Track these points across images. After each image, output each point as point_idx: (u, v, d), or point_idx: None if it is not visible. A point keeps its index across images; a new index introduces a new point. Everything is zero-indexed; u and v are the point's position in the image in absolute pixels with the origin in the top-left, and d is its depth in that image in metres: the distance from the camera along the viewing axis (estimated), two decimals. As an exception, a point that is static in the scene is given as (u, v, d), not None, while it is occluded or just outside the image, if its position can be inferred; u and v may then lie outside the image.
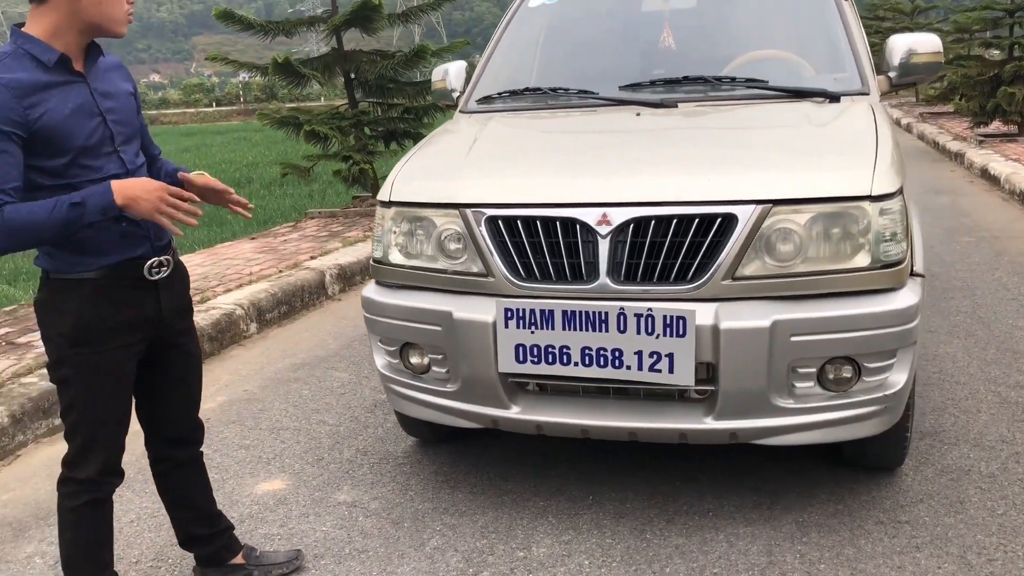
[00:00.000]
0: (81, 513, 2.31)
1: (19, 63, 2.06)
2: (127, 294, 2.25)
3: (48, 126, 2.06)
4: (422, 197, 2.96)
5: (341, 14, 8.66)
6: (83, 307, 2.19)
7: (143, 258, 2.26)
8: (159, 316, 2.33)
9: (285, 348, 5.13)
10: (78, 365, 2.21)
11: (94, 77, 2.21)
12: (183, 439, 2.56)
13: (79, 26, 2.11)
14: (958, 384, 3.90)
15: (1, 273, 7.20)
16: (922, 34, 3.62)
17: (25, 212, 2.02)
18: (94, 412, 2.25)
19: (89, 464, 2.28)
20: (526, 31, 4.22)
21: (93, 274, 2.19)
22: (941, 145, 12.89)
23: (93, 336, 2.20)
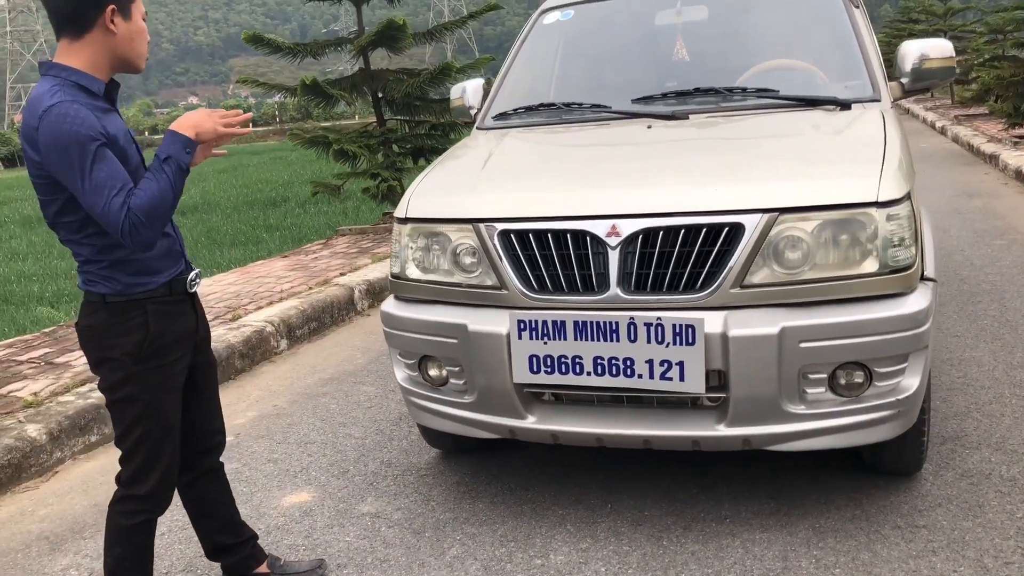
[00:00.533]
0: (135, 531, 2.40)
1: (74, 94, 2.15)
2: (180, 308, 2.40)
3: (113, 148, 2.18)
4: (437, 213, 3.03)
5: (367, 34, 8.82)
6: (150, 323, 2.31)
7: (184, 272, 2.42)
8: (197, 327, 2.48)
9: (314, 364, 5.23)
10: (146, 380, 2.32)
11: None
12: (207, 448, 2.64)
13: (110, 61, 2.25)
14: (983, 388, 3.88)
15: (44, 296, 7.41)
16: (934, 39, 3.63)
17: (150, 192, 2.15)
18: (159, 425, 2.36)
19: (150, 479, 2.37)
20: (542, 47, 4.29)
21: (154, 292, 2.33)
22: (975, 147, 12.74)
23: (159, 351, 2.33)
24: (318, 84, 8.65)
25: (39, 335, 5.65)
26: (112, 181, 2.12)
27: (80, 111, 2.12)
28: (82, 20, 2.18)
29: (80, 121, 2.10)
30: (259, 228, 10.26)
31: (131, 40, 2.24)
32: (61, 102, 2.11)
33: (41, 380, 4.54)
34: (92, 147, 2.10)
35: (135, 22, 2.24)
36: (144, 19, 2.29)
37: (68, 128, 2.09)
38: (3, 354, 5.18)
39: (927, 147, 14.45)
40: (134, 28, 2.24)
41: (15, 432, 3.84)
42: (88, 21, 2.18)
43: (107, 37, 2.20)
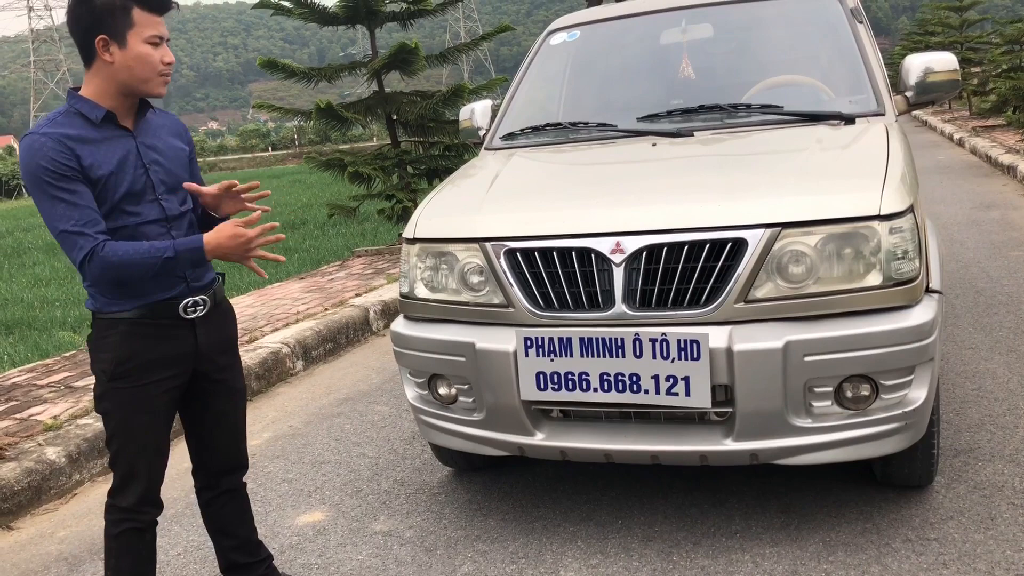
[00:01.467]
0: (124, 540, 2.44)
1: (69, 120, 2.26)
2: (162, 332, 2.38)
3: (96, 174, 2.24)
4: (444, 233, 3.07)
5: (380, 58, 8.92)
6: (120, 344, 2.33)
7: (178, 298, 2.39)
8: (197, 352, 2.46)
9: (329, 384, 5.27)
10: (116, 399, 2.36)
11: (143, 132, 2.38)
12: (227, 469, 2.68)
13: (117, 87, 2.29)
14: (996, 400, 3.86)
15: (66, 320, 7.52)
16: (938, 53, 3.64)
17: (121, 251, 2.21)
18: (132, 444, 2.39)
19: (129, 493, 2.42)
20: (549, 68, 4.34)
21: (129, 313, 2.34)
22: (993, 158, 12.67)
23: (129, 372, 2.34)
24: (332, 108, 8.76)
25: (59, 359, 5.74)
26: (72, 213, 2.19)
27: (46, 144, 2.19)
28: (85, 51, 2.27)
29: (42, 154, 2.18)
30: (277, 251, 10.34)
31: (129, 67, 2.25)
32: (36, 132, 2.21)
33: (61, 404, 4.61)
34: (45, 180, 2.18)
35: (132, 49, 2.24)
36: (155, 42, 2.28)
37: (30, 159, 2.19)
38: (24, 378, 5.26)
39: (944, 159, 14.38)
40: (130, 55, 2.24)
41: (35, 455, 3.90)
42: (89, 52, 2.26)
43: (106, 67, 2.26)
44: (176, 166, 2.44)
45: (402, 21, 9.47)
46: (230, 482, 2.70)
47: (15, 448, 3.98)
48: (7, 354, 6.30)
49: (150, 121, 2.42)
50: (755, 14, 4.07)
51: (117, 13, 2.22)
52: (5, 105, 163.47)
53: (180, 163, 2.46)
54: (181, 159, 2.47)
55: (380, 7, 8.88)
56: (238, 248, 2.30)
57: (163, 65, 2.31)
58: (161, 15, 2.30)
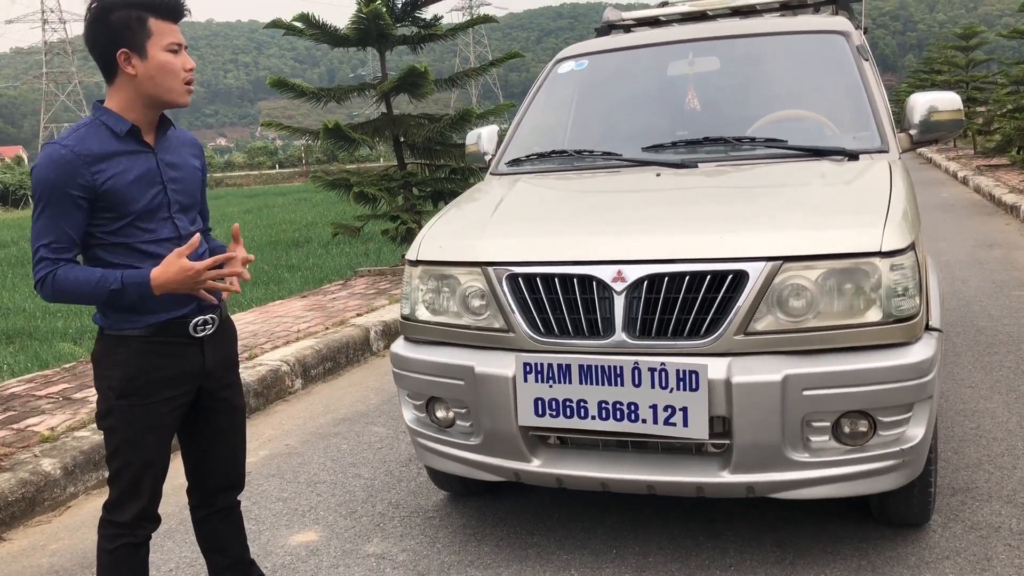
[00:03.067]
0: (118, 555, 2.42)
1: (94, 132, 2.28)
2: (173, 350, 2.38)
3: (112, 190, 2.25)
4: (447, 256, 3.08)
5: (389, 80, 8.99)
6: (131, 361, 2.33)
7: (189, 316, 2.40)
8: (204, 370, 2.46)
9: (328, 403, 5.27)
10: (124, 416, 2.35)
11: (163, 149, 2.40)
12: (223, 488, 2.67)
13: (143, 100, 2.31)
14: (995, 440, 3.85)
15: (67, 332, 7.52)
16: (942, 92, 3.67)
17: (72, 279, 2.23)
18: (137, 461, 2.38)
19: (128, 509, 2.41)
20: (556, 95, 4.37)
21: (141, 331, 2.34)
22: (996, 197, 12.69)
23: (139, 389, 2.34)
24: (340, 128, 8.81)
25: (59, 370, 5.74)
26: (47, 234, 2.23)
27: (66, 159, 2.20)
28: (108, 67, 2.29)
29: (58, 168, 2.20)
30: (281, 268, 10.38)
31: (152, 78, 2.27)
32: (60, 144, 2.23)
33: (58, 415, 4.61)
34: (49, 194, 2.21)
35: (154, 59, 2.26)
36: (175, 50, 2.29)
37: (44, 168, 2.22)
38: (23, 389, 5.26)
39: (948, 196, 14.42)
40: (152, 66, 2.26)
41: (30, 466, 3.89)
42: (111, 67, 2.28)
43: (130, 80, 2.27)
44: (192, 184, 2.47)
45: (412, 45, 9.54)
46: (225, 501, 2.68)
47: (10, 458, 3.98)
48: (7, 364, 6.30)
49: (170, 138, 2.44)
50: (762, 49, 4.11)
51: (134, 25, 2.24)
52: (16, 116, 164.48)
53: (195, 181, 2.49)
54: (196, 178, 2.49)
55: (391, 31, 8.95)
56: (186, 282, 2.27)
57: (185, 72, 2.32)
58: (176, 22, 2.31)
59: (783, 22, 4.35)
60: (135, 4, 2.24)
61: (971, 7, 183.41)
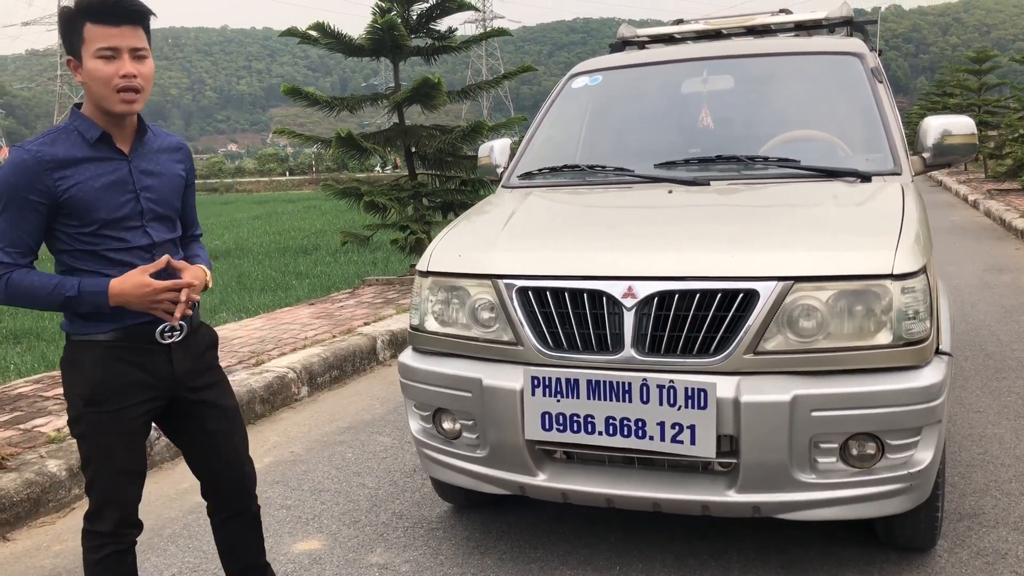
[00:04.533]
0: (106, 564, 2.39)
1: (65, 137, 2.24)
2: (138, 356, 2.33)
3: (76, 197, 2.21)
4: (457, 268, 3.09)
5: (403, 91, 9.02)
6: (95, 367, 2.29)
7: (155, 323, 2.34)
8: (173, 377, 2.40)
9: (333, 412, 5.27)
10: (91, 423, 2.31)
11: (139, 156, 2.33)
12: (234, 489, 2.63)
13: (96, 107, 2.26)
14: (1003, 466, 3.83)
15: (73, 333, 7.53)
16: (956, 116, 3.67)
17: (27, 284, 2.21)
18: (108, 467, 2.34)
19: (107, 517, 2.37)
20: (569, 110, 4.39)
21: (104, 336, 2.30)
22: (1007, 222, 12.67)
23: (105, 395, 2.30)
24: (352, 137, 8.84)
25: (66, 372, 5.74)
26: (2, 237, 2.20)
27: (28, 164, 2.18)
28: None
29: (18, 171, 2.18)
30: (289, 275, 10.40)
31: (88, 85, 2.21)
32: (24, 148, 2.21)
33: (65, 417, 4.61)
34: (8, 196, 2.19)
35: (86, 66, 2.19)
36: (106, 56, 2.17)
37: (6, 172, 2.20)
38: (30, 389, 5.28)
39: (958, 220, 14.39)
40: (86, 73, 2.20)
41: (36, 467, 3.90)
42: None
43: (84, 84, 2.23)
44: (170, 192, 2.40)
45: (426, 56, 9.59)
46: (240, 502, 2.64)
47: (16, 459, 3.98)
48: (14, 364, 6.32)
49: (148, 143, 2.37)
50: (776, 68, 4.12)
51: (73, 31, 2.19)
52: (29, 117, 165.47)
53: (174, 189, 2.42)
54: (176, 185, 2.43)
55: (405, 42, 9.00)
56: (143, 298, 2.24)
57: (119, 79, 2.18)
58: (117, 26, 2.17)
59: (798, 42, 4.37)
60: (73, 11, 2.19)
61: (984, 31, 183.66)
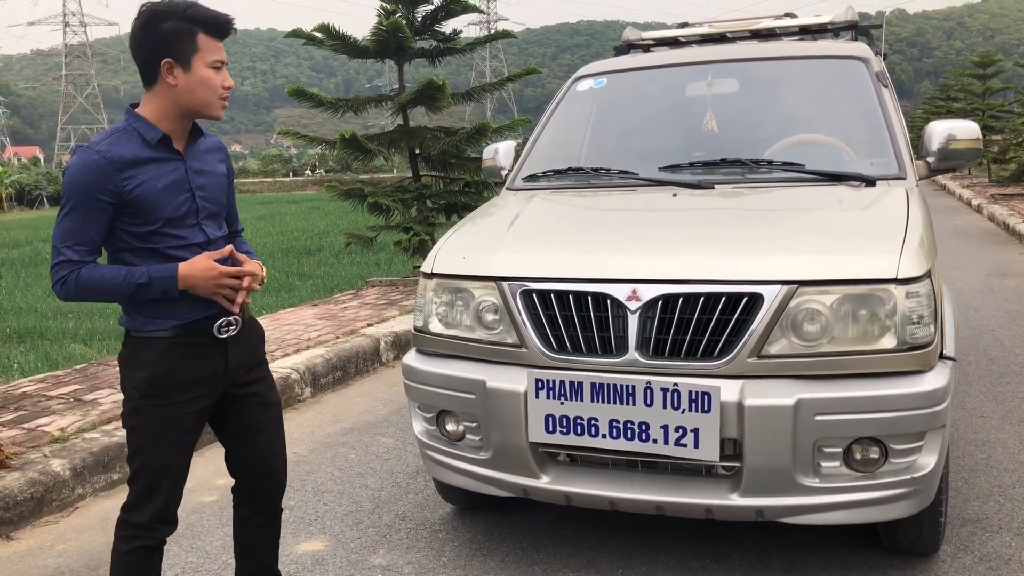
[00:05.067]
0: (132, 557, 2.43)
1: (126, 138, 2.31)
2: (197, 351, 2.41)
3: (141, 196, 2.28)
4: (462, 270, 3.09)
5: (407, 93, 9.03)
6: (156, 362, 2.36)
7: (213, 318, 2.42)
8: (226, 371, 2.47)
9: (336, 413, 5.27)
10: (147, 416, 2.38)
11: (192, 156, 2.43)
12: (266, 485, 2.65)
13: (178, 110, 2.35)
14: (1006, 471, 3.82)
15: (78, 333, 7.55)
16: (961, 120, 3.67)
17: (98, 277, 2.27)
18: (157, 461, 2.40)
19: (145, 510, 2.42)
20: (574, 113, 4.39)
21: (166, 332, 2.37)
22: (1011, 227, 12.65)
23: (163, 390, 2.37)
24: (357, 138, 8.85)
25: (70, 371, 5.76)
26: (71, 236, 2.26)
27: (98, 164, 2.24)
28: (148, 74, 2.32)
29: (88, 172, 2.24)
30: (292, 276, 10.41)
31: (192, 91, 2.31)
32: (91, 148, 2.28)
33: (69, 416, 4.63)
34: (76, 196, 2.25)
35: (196, 73, 2.30)
36: (217, 67, 2.34)
37: (75, 172, 2.26)
38: (34, 389, 5.29)
39: (962, 224, 14.37)
40: (194, 79, 2.31)
41: (40, 466, 3.91)
42: (152, 74, 2.32)
43: (169, 89, 2.31)
44: (218, 191, 2.50)
45: (430, 58, 9.60)
46: (268, 499, 2.66)
47: (20, 458, 3.99)
48: (17, 363, 6.33)
49: (199, 145, 2.48)
50: (781, 72, 4.12)
51: (183, 38, 2.28)
52: (34, 117, 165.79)
53: (221, 188, 2.52)
54: (221, 184, 2.53)
55: (410, 43, 9.01)
56: (208, 282, 2.33)
57: (223, 89, 2.38)
58: (222, 40, 2.36)
59: (803, 46, 4.37)
60: (187, 17, 2.28)
61: (988, 35, 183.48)
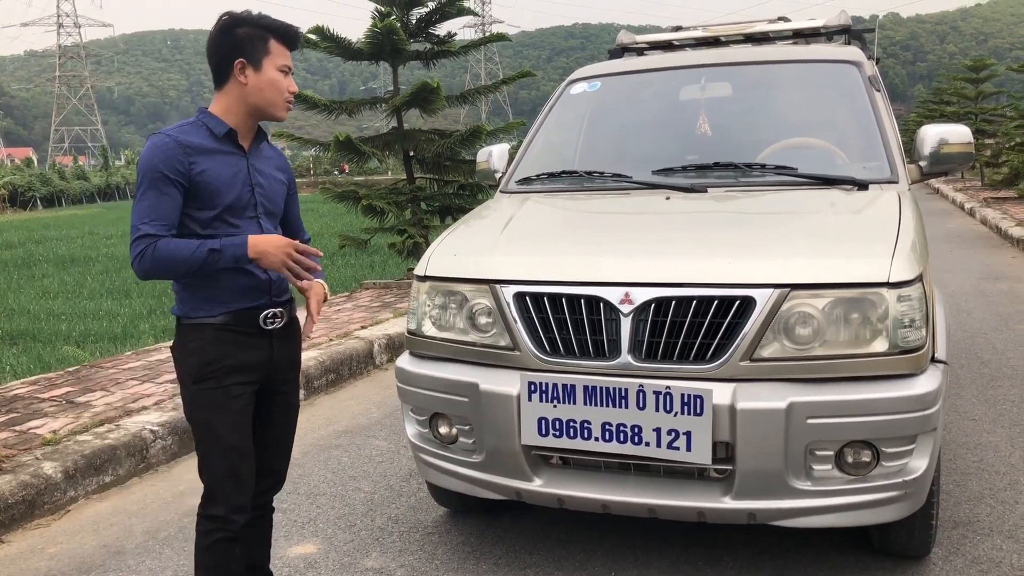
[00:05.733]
0: (214, 551, 2.49)
1: (195, 130, 2.49)
2: (244, 339, 2.51)
3: (206, 181, 2.43)
4: (455, 272, 3.09)
5: (402, 95, 9.03)
6: (206, 347, 2.47)
7: (260, 308, 2.53)
8: (272, 362, 2.58)
9: (329, 415, 5.26)
10: (200, 400, 2.47)
11: (254, 156, 2.59)
12: (263, 482, 2.70)
13: (245, 108, 2.51)
14: (998, 474, 3.84)
15: (71, 335, 7.54)
16: (953, 125, 3.69)
17: (173, 247, 2.37)
18: (217, 445, 2.47)
19: (219, 500, 2.49)
20: (568, 116, 4.39)
21: (215, 319, 2.48)
22: (1003, 230, 12.70)
23: (213, 373, 2.46)
24: (351, 141, 8.85)
25: (63, 373, 5.75)
26: (149, 213, 2.37)
27: (168, 145, 2.39)
28: (220, 73, 2.50)
29: (160, 152, 2.39)
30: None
31: (261, 90, 2.48)
32: (163, 133, 2.44)
33: (61, 418, 4.62)
34: (151, 176, 2.37)
35: (265, 74, 2.47)
36: (285, 71, 2.51)
37: (147, 154, 2.40)
38: (26, 391, 5.27)
39: (954, 227, 14.42)
40: (263, 79, 2.47)
41: (31, 468, 3.90)
42: (224, 74, 2.49)
43: (239, 87, 2.48)
44: (276, 194, 2.64)
45: (425, 60, 9.60)
46: (263, 498, 2.73)
47: (12, 461, 3.98)
48: (10, 365, 6.31)
49: (262, 149, 2.63)
50: (774, 76, 4.13)
51: (256, 41, 2.47)
52: (27, 118, 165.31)
53: (278, 193, 2.66)
54: (279, 190, 2.67)
55: (404, 46, 9.01)
56: (279, 251, 2.43)
57: (288, 93, 2.55)
58: (291, 49, 2.56)
59: (796, 50, 4.38)
60: (262, 25, 2.49)
61: (981, 40, 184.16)
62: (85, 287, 10.72)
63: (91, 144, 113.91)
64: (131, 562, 3.39)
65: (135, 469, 4.30)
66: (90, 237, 19.27)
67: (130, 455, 4.29)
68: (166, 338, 7.14)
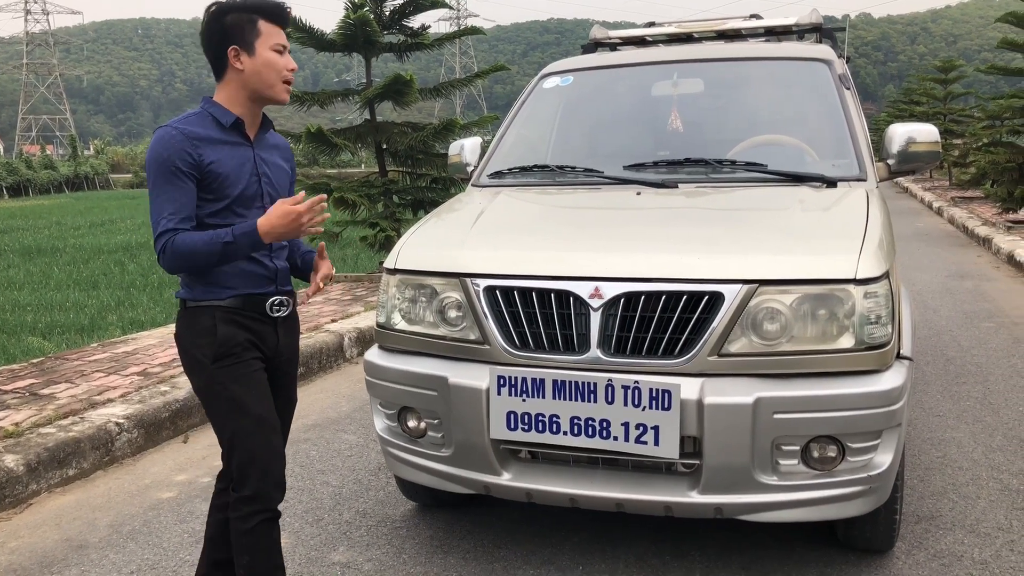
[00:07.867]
0: (254, 534, 2.46)
1: (201, 120, 2.48)
2: (251, 323, 2.52)
3: (216, 171, 2.43)
4: (425, 265, 3.08)
5: (374, 87, 8.98)
6: (218, 327, 2.47)
7: (266, 295, 2.55)
8: (277, 349, 2.59)
9: (298, 409, 5.14)
10: (221, 376, 2.46)
11: (260, 145, 2.59)
12: None
13: (246, 94, 2.50)
14: (960, 469, 3.89)
15: (36, 326, 7.43)
16: (921, 124, 3.73)
17: (189, 240, 2.36)
18: (245, 420, 2.45)
19: (251, 478, 2.45)
20: (540, 110, 4.39)
21: (223, 302, 2.49)
22: (970, 229, 12.88)
23: (233, 348, 2.47)
24: (323, 133, 8.79)
25: (26, 365, 5.66)
26: (165, 207, 2.37)
27: (175, 137, 2.38)
28: (218, 64, 2.49)
29: (168, 145, 2.38)
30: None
31: (258, 72, 2.46)
32: (169, 126, 2.43)
33: (24, 411, 4.54)
34: (162, 169, 2.37)
35: (260, 56, 2.45)
36: (279, 50, 2.48)
37: (155, 147, 2.40)
38: (-11, 382, 5.18)
39: (923, 226, 14.61)
40: (259, 62, 2.45)
41: (-7, 461, 3.83)
42: (221, 64, 2.48)
43: (237, 75, 2.47)
44: (281, 183, 2.64)
45: (398, 53, 9.55)
46: None
47: (-27, 453, 3.91)
48: (-27, 356, 6.21)
49: (267, 139, 2.63)
50: (746, 73, 4.15)
51: (246, 25, 2.45)
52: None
53: (283, 182, 2.65)
54: (283, 180, 2.66)
55: (378, 38, 8.96)
56: (289, 225, 2.39)
57: (287, 71, 2.52)
58: (282, 27, 2.52)
59: (768, 48, 4.40)
60: (248, 8, 2.46)
61: (951, 41, 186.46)
62: (52, 278, 10.57)
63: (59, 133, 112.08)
64: (94, 556, 3.35)
65: (99, 462, 4.25)
66: (57, 227, 19.00)
67: (94, 448, 4.23)
68: (134, 330, 7.05)
